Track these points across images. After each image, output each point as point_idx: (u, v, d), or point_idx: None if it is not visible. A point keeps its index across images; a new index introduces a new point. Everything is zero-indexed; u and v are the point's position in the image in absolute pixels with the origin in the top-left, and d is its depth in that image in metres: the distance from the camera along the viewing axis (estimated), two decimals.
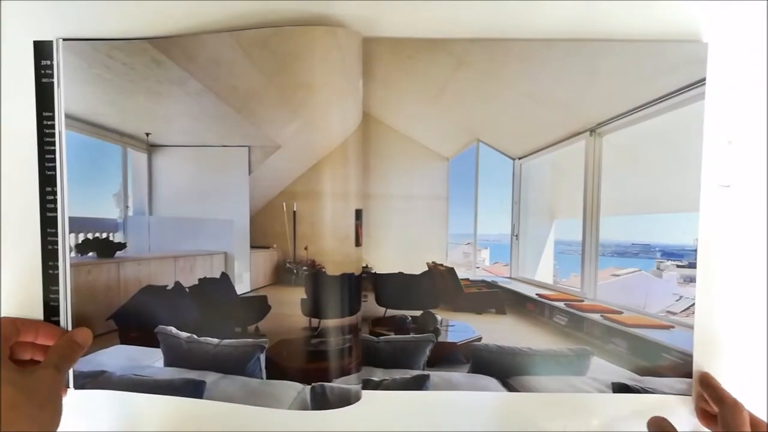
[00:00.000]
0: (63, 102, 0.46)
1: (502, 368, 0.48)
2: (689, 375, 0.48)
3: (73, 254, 0.48)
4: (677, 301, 0.48)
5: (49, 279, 0.47)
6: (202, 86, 0.46)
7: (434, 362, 0.49)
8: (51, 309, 0.48)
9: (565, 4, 0.46)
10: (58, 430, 0.40)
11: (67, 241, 0.47)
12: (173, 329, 0.48)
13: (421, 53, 0.46)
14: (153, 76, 0.46)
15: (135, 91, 0.47)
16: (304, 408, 0.45)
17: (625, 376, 0.48)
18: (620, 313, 0.48)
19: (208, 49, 0.46)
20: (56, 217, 0.47)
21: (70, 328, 0.47)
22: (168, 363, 0.48)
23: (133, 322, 0.48)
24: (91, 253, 0.48)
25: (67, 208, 0.47)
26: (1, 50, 0.46)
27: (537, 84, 0.47)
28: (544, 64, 0.46)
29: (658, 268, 0.49)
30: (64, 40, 0.46)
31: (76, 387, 0.48)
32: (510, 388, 0.48)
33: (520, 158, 0.48)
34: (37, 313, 0.48)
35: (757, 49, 0.47)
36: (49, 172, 0.47)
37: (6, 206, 0.48)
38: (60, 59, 0.46)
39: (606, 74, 0.46)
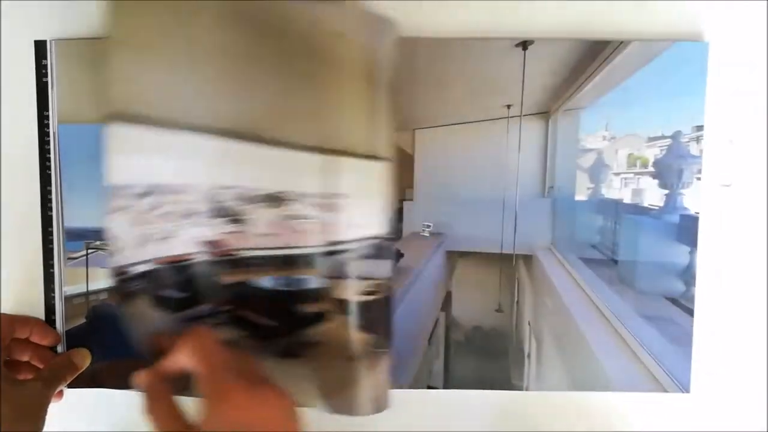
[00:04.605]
0: (57, 103, 0.46)
1: None
2: None
3: None
4: None
5: (51, 278, 0.48)
6: None
7: None
8: (52, 309, 0.48)
9: (564, 4, 0.46)
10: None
11: (62, 240, 0.47)
12: None
13: None
14: None
15: None
16: None
17: None
18: None
19: None
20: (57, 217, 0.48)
21: (63, 331, 0.48)
22: None
23: None
24: None
25: (62, 207, 0.47)
26: (0, 49, 0.47)
27: None
28: None
29: None
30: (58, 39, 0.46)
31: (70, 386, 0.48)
32: None
33: None
34: (38, 312, 0.48)
35: (758, 48, 0.46)
36: (49, 171, 0.47)
37: (8, 204, 0.48)
38: (53, 60, 0.46)
39: None
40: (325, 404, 0.44)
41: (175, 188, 0.41)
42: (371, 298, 0.45)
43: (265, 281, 0.45)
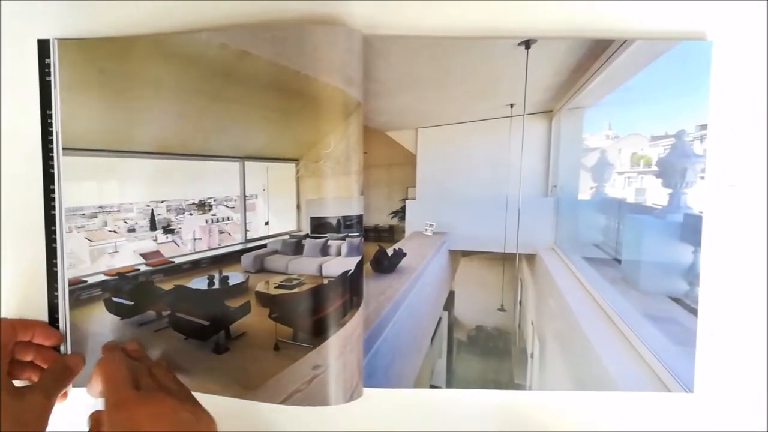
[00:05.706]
0: (59, 102, 0.47)
1: None
2: None
3: None
4: None
5: (54, 278, 0.48)
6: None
7: None
8: (54, 308, 0.48)
9: (568, 3, 0.46)
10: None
11: (64, 240, 0.48)
12: None
13: None
14: None
15: None
16: None
17: None
18: None
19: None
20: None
21: (67, 330, 0.48)
22: None
23: None
24: None
25: (64, 207, 0.47)
26: (1, 48, 0.47)
27: None
28: None
29: None
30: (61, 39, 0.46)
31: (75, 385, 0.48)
32: None
33: None
34: (41, 313, 0.48)
35: (761, 47, 0.46)
36: (52, 171, 0.47)
37: (11, 204, 0.48)
38: (56, 59, 0.46)
39: None
40: (252, 395, 0.46)
41: (119, 207, 0.49)
42: (288, 291, 0.48)
43: (197, 282, 0.49)
